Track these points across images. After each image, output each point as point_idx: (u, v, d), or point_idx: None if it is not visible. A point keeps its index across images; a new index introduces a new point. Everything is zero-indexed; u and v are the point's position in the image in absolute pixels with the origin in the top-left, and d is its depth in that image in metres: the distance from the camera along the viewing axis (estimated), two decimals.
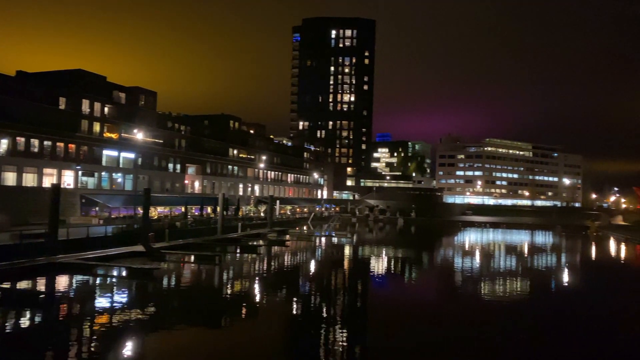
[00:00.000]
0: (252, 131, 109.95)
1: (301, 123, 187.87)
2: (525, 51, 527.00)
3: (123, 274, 34.42)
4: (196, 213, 72.26)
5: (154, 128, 76.51)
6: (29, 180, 57.52)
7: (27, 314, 24.25)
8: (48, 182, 56.36)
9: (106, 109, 68.86)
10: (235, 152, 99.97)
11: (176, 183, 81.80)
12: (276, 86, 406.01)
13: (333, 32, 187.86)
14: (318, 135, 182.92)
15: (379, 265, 47.98)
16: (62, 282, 31.94)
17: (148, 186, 61.80)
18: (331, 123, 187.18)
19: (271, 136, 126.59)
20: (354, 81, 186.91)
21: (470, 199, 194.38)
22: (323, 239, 66.09)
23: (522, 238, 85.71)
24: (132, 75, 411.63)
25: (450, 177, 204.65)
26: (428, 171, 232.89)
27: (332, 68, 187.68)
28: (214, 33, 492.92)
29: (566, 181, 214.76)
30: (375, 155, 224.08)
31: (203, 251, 45.92)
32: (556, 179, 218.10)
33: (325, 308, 28.24)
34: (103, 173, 67.77)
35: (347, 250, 57.82)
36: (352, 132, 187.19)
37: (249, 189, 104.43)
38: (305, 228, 74.84)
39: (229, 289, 33.39)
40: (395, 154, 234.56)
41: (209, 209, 75.19)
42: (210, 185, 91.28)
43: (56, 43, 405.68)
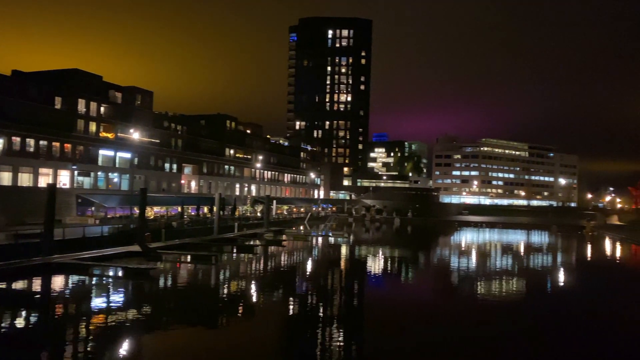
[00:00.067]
0: (249, 131, 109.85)
1: (298, 123, 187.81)
2: (521, 51, 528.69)
3: (119, 274, 34.34)
4: (192, 213, 72.13)
5: (150, 128, 76.36)
6: (25, 180, 57.31)
7: (23, 315, 24.17)
8: (44, 182, 56.09)
9: (102, 109, 68.68)
10: (231, 152, 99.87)
11: (172, 183, 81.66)
12: (273, 86, 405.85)
13: (330, 32, 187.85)
14: (315, 135, 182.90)
15: (376, 265, 48.03)
16: (58, 283, 31.83)
17: (144, 186, 61.59)
18: (328, 123, 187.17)
19: (268, 136, 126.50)
20: (351, 81, 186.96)
21: (466, 199, 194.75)
22: (320, 239, 66.08)
23: (518, 238, 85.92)
24: (129, 74, 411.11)
25: (446, 177, 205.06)
26: (424, 171, 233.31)
27: (329, 68, 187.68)
28: (211, 33, 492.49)
29: (562, 181, 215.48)
30: (372, 155, 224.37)
31: (199, 251, 45.85)
32: (552, 179, 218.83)
33: (322, 308, 28.25)
34: (99, 173, 67.59)
35: (344, 250, 57.85)
36: (349, 132, 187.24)
37: (246, 189, 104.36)
38: (302, 228, 74.77)
39: (226, 289, 33.36)
40: (391, 154, 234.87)
41: (206, 209, 75.05)
42: (206, 185, 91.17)
43: (52, 42, 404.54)
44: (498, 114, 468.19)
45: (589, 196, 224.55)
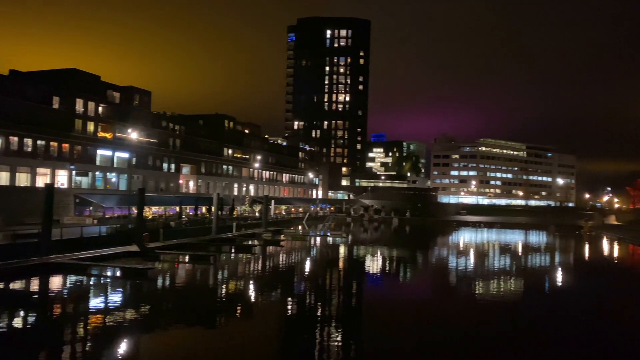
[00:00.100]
0: (247, 131, 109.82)
1: (296, 123, 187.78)
2: (520, 52, 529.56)
3: (117, 274, 34.27)
4: (191, 213, 72.11)
5: (149, 127, 76.30)
6: (22, 180, 57.23)
7: (20, 315, 24.12)
8: (41, 182, 56.01)
9: (100, 109, 68.59)
10: (230, 152, 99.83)
11: (171, 183, 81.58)
12: (271, 86, 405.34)
13: (328, 32, 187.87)
14: (313, 135, 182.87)
15: (374, 265, 48.04)
16: (56, 283, 31.78)
17: (142, 186, 61.60)
18: (326, 123, 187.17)
19: (266, 136, 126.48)
20: (349, 81, 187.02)
21: (464, 199, 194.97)
22: (318, 239, 66.09)
23: (516, 238, 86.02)
24: (127, 74, 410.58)
25: (444, 177, 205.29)
26: (423, 171, 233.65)
27: (327, 68, 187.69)
28: (209, 32, 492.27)
29: (560, 181, 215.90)
30: (370, 155, 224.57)
31: (198, 251, 45.78)
32: (550, 179, 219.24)
33: (320, 308, 28.24)
34: (97, 173, 67.50)
35: (342, 250, 57.86)
36: (347, 132, 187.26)
37: (244, 189, 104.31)
38: (300, 228, 74.78)
39: (224, 289, 33.32)
40: (390, 154, 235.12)
41: (204, 209, 75.04)
42: (204, 185, 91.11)
43: (50, 42, 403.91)
44: (496, 114, 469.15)
45: (587, 196, 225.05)
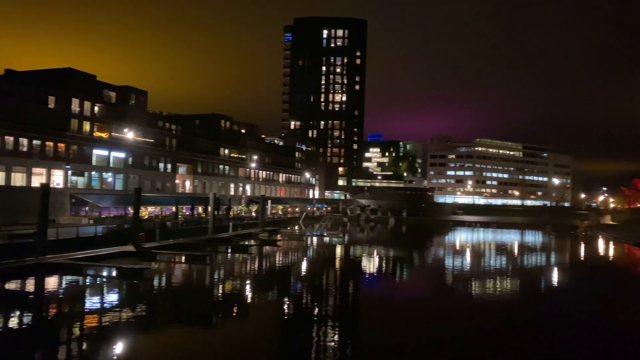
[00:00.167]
0: (244, 131, 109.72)
1: (293, 123, 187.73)
2: (515, 52, 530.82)
3: (113, 274, 34.22)
4: (187, 213, 72.01)
5: (145, 127, 76.13)
6: (18, 179, 57.02)
7: (16, 315, 24.06)
8: (37, 182, 55.84)
9: (96, 108, 68.40)
10: (226, 152, 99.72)
11: (167, 183, 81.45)
12: (268, 86, 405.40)
13: (325, 32, 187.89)
14: (310, 134, 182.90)
15: (371, 264, 48.12)
16: (52, 283, 31.71)
17: (139, 186, 61.39)
18: (323, 123, 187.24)
19: (262, 136, 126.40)
20: (346, 81, 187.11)
21: (460, 199, 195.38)
22: (314, 239, 66.14)
23: (512, 237, 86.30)
24: (123, 74, 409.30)
25: (441, 177, 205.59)
26: (419, 171, 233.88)
27: (324, 68, 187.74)
28: (206, 32, 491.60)
29: (556, 181, 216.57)
30: (366, 155, 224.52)
31: (194, 251, 45.75)
32: (546, 179, 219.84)
33: (317, 307, 28.28)
34: (93, 172, 67.32)
35: (339, 250, 57.91)
36: (344, 132, 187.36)
37: (240, 189, 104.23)
38: (296, 228, 74.81)
39: (220, 289, 33.33)
40: (386, 154, 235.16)
41: (200, 209, 74.95)
42: (201, 184, 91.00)
43: (46, 42, 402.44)
44: (492, 114, 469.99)
45: (583, 196, 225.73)
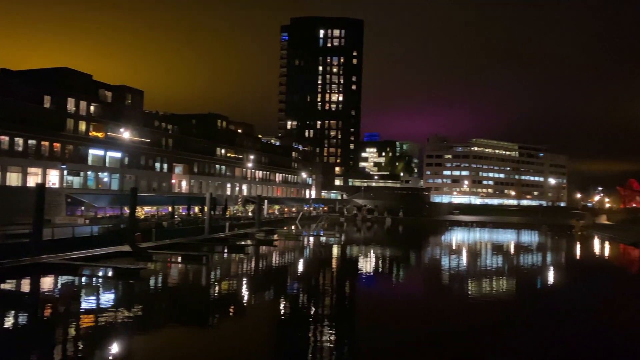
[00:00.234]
0: (240, 130, 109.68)
1: (289, 122, 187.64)
2: (511, 52, 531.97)
3: (109, 274, 34.11)
4: (183, 213, 71.89)
5: (141, 127, 75.92)
6: (13, 179, 56.78)
7: (11, 315, 23.94)
8: (33, 182, 55.59)
9: (92, 108, 68.18)
10: (222, 152, 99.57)
11: (163, 182, 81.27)
12: (264, 85, 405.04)
13: (321, 32, 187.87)
14: (306, 134, 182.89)
15: (367, 264, 48.12)
16: (47, 283, 31.58)
17: (135, 186, 61.32)
18: (319, 123, 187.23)
19: (259, 135, 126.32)
20: (342, 81, 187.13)
21: (457, 199, 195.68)
22: (311, 239, 66.11)
23: (509, 237, 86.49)
24: (119, 73, 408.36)
25: (437, 177, 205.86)
26: (416, 171, 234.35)
27: (320, 68, 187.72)
28: (202, 32, 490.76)
29: (552, 181, 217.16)
30: (363, 155, 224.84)
31: (190, 251, 45.62)
32: (542, 179, 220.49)
33: (313, 307, 28.26)
34: (89, 172, 67.10)
35: (335, 249, 57.89)
36: (341, 132, 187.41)
37: (237, 189, 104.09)
38: (293, 228, 74.77)
39: (217, 289, 33.26)
40: (383, 154, 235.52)
41: (196, 209, 74.81)
42: (197, 184, 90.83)
43: (41, 41, 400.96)
44: (488, 114, 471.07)
45: (578, 196, 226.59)
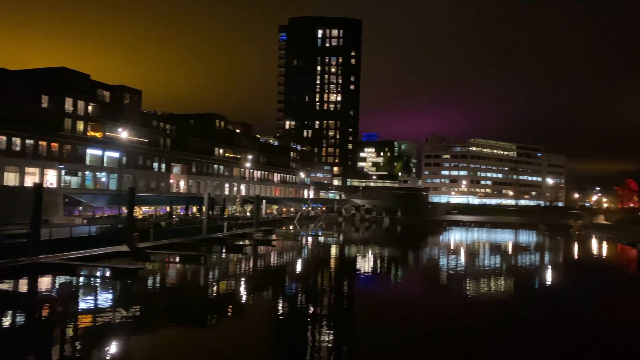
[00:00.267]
0: (238, 130, 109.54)
1: (288, 122, 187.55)
2: (509, 53, 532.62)
3: (107, 274, 34.05)
4: (181, 213, 71.84)
5: (139, 127, 75.81)
6: (11, 179, 56.64)
7: (8, 315, 23.87)
8: (30, 182, 55.54)
9: (90, 108, 68.06)
10: (221, 152, 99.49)
11: (161, 182, 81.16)
12: (262, 85, 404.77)
13: (320, 32, 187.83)
14: (305, 134, 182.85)
15: (366, 264, 48.13)
16: (45, 283, 31.50)
17: (133, 185, 61.20)
18: (318, 122, 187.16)
19: (257, 135, 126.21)
20: (341, 81, 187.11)
21: (455, 199, 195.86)
22: (309, 239, 66.12)
23: (507, 237, 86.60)
24: (117, 73, 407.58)
25: (435, 177, 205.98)
26: (414, 171, 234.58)
27: (319, 67, 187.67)
28: (201, 31, 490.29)
29: (549, 181, 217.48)
30: (361, 155, 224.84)
31: (188, 251, 45.58)
32: (540, 179, 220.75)
33: (312, 307, 28.25)
34: (87, 172, 66.98)
35: (334, 249, 57.90)
36: (339, 132, 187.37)
37: (235, 189, 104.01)
38: (291, 228, 74.81)
39: (215, 289, 33.22)
40: (381, 154, 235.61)
41: (195, 209, 74.79)
42: (195, 184, 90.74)
43: (39, 41, 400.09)
44: (486, 115, 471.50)
45: (576, 196, 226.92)
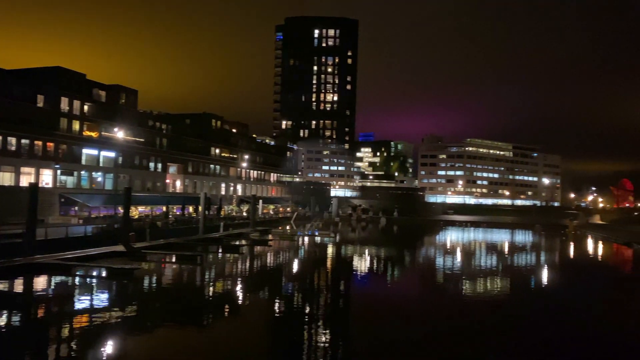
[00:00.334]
0: (235, 130, 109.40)
1: (284, 122, 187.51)
2: (505, 53, 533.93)
3: (103, 275, 33.97)
4: (177, 212, 71.68)
5: (135, 127, 75.64)
6: (6, 179, 56.43)
7: (3, 315, 23.78)
8: (26, 181, 55.28)
9: (86, 107, 67.86)
10: (217, 151, 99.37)
11: (157, 182, 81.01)
12: (259, 85, 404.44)
13: (316, 32, 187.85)
14: (301, 134, 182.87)
15: (362, 264, 48.16)
16: (41, 283, 31.41)
17: (129, 185, 61.03)
18: (314, 122, 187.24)
19: (254, 135, 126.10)
20: (337, 81, 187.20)
21: (451, 199, 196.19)
22: (306, 239, 66.13)
23: (503, 237, 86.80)
24: (113, 73, 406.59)
25: (432, 177, 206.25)
26: (410, 171, 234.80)
27: (315, 67, 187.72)
28: (197, 31, 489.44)
29: (545, 181, 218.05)
30: (358, 154, 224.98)
31: (184, 251, 45.55)
32: (536, 179, 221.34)
33: (308, 307, 28.26)
34: (83, 172, 66.80)
35: (330, 249, 57.92)
36: (335, 132, 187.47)
37: (231, 189, 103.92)
38: (288, 227, 74.80)
39: (211, 289, 33.19)
40: (378, 154, 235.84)
41: (191, 209, 74.63)
42: (191, 184, 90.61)
43: (34, 40, 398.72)
44: (483, 114, 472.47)
45: (572, 196, 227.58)
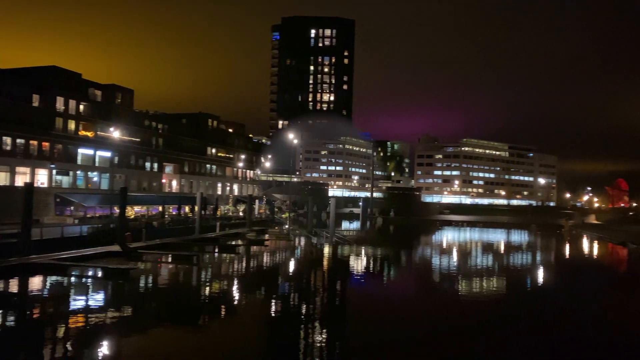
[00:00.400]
0: (231, 130, 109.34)
1: (280, 122, 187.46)
2: (502, 53, 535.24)
3: (99, 275, 33.88)
4: (174, 212, 71.56)
5: (131, 126, 75.48)
6: (1, 179, 56.20)
7: None
8: (21, 181, 55.06)
9: (81, 107, 67.67)
10: (213, 151, 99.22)
11: (153, 182, 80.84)
12: (255, 85, 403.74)
13: (313, 32, 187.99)
14: None
15: (358, 263, 48.18)
16: (36, 283, 31.29)
17: (125, 185, 60.91)
18: (311, 122, 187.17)
19: (250, 135, 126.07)
20: (334, 80, 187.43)
21: (447, 199, 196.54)
22: (303, 238, 66.12)
23: (499, 237, 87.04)
24: (109, 72, 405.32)
25: (428, 177, 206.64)
26: (407, 171, 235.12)
27: (312, 67, 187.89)
28: (194, 31, 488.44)
29: (541, 181, 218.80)
30: None
31: (181, 251, 45.45)
32: (532, 179, 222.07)
33: (304, 306, 28.26)
34: (78, 172, 66.58)
35: (327, 249, 57.90)
36: None
37: (228, 188, 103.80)
38: (284, 227, 74.73)
39: (207, 289, 33.15)
40: (374, 154, 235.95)
41: (187, 209, 74.54)
42: (188, 184, 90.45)
43: (30, 40, 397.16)
44: (479, 115, 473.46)
45: (568, 196, 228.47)
